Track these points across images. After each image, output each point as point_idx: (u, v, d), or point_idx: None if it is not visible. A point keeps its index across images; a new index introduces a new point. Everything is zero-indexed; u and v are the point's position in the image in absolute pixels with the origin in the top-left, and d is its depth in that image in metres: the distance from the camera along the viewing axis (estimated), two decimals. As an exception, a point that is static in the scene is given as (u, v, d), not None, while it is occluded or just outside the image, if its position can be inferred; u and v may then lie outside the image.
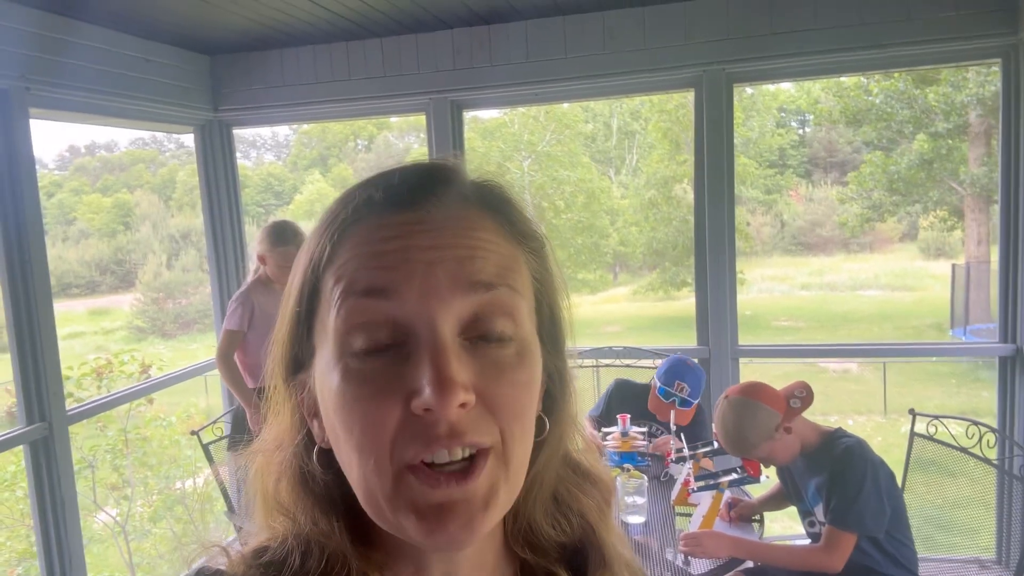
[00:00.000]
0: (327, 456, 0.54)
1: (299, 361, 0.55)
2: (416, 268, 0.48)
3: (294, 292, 0.54)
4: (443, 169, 0.54)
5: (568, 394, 0.59)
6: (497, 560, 0.60)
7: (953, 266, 16.00)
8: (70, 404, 3.26)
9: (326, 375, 0.50)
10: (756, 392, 2.24)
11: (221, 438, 3.39)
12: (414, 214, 0.51)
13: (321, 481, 0.54)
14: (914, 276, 20.54)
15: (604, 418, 3.07)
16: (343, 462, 0.51)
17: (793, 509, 2.52)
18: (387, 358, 0.48)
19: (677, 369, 2.85)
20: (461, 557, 0.56)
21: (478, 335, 0.49)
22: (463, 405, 0.46)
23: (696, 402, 2.85)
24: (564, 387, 0.59)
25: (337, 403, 0.49)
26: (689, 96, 3.60)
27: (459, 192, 0.53)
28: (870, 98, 14.85)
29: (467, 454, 0.47)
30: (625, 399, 3.08)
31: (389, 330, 0.48)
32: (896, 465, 2.36)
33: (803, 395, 2.23)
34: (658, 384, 2.86)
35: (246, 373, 3.38)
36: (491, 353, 0.49)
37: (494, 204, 0.54)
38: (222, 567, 0.54)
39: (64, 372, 3.10)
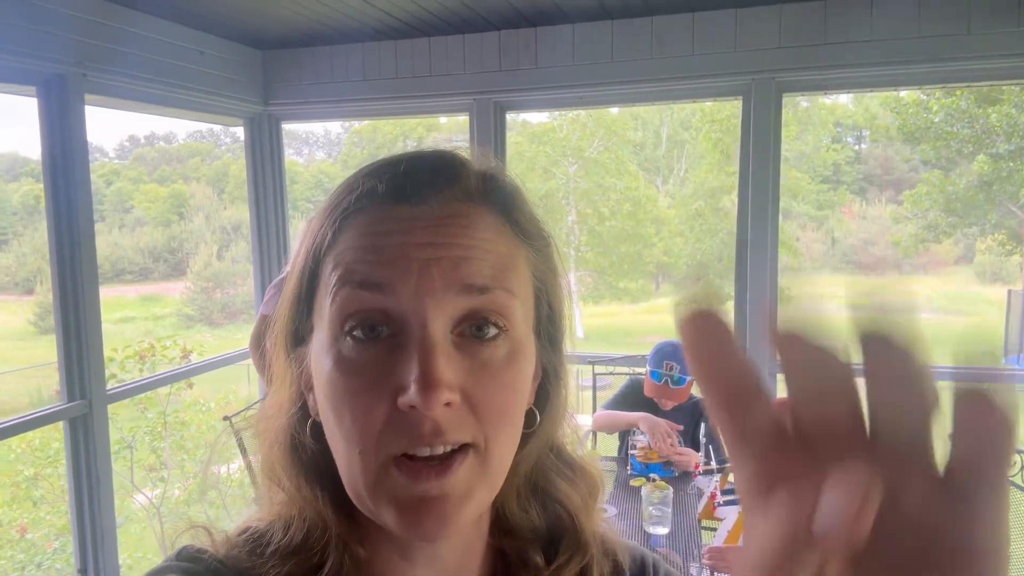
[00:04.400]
0: (319, 429, 0.55)
1: (299, 336, 0.56)
2: (412, 266, 0.49)
3: (296, 272, 0.55)
4: (450, 162, 0.54)
5: (560, 391, 0.60)
6: (484, 545, 0.61)
7: (1009, 292, 15.49)
8: (112, 385, 3.35)
9: (321, 357, 0.51)
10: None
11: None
12: (415, 209, 0.51)
13: (310, 451, 0.56)
14: (968, 300, 19.96)
15: None
16: (332, 445, 0.52)
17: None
18: (379, 348, 0.49)
19: (664, 351, 2.97)
20: (445, 542, 0.56)
21: (470, 333, 0.50)
22: (448, 404, 0.47)
23: (690, 379, 2.91)
24: (557, 383, 0.59)
25: (328, 390, 0.50)
26: (738, 105, 3.54)
27: (463, 187, 0.53)
28: (929, 115, 14.46)
29: (448, 450, 0.48)
30: (639, 399, 3.08)
31: (382, 321, 0.49)
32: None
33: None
34: (650, 369, 2.98)
35: None
36: (481, 352, 0.50)
37: (499, 201, 0.54)
38: (207, 547, 0.55)
39: (108, 354, 3.19)
